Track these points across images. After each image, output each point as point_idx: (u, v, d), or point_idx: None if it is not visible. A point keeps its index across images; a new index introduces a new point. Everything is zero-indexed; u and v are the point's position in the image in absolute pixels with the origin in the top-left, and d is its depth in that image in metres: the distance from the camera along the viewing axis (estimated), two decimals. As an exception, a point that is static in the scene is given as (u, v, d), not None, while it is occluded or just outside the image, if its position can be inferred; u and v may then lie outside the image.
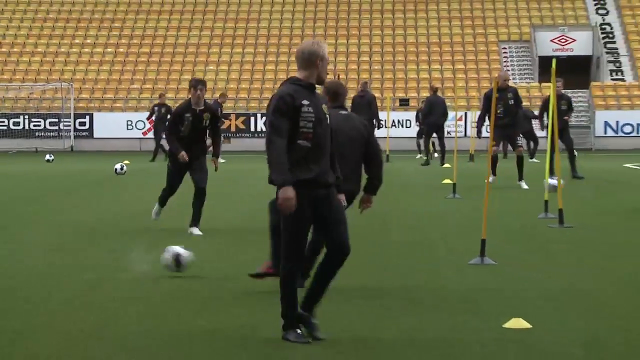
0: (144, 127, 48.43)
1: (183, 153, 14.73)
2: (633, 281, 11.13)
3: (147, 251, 12.59)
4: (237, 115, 48.93)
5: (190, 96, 14.98)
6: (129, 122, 48.73)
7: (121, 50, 53.94)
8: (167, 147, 35.49)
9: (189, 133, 14.74)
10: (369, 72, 51.57)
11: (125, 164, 30.23)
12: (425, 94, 49.33)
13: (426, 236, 15.00)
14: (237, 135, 48.58)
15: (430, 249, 13.72)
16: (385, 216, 16.92)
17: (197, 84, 14.81)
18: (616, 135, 48.08)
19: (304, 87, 8.06)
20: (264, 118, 46.98)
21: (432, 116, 33.26)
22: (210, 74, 52.13)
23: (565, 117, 25.02)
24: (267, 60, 53.20)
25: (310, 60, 8.07)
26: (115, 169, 28.86)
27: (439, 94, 35.52)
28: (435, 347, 8.02)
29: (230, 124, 48.65)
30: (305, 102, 7.97)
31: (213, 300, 10.07)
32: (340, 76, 36.57)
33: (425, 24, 54.97)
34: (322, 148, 8.04)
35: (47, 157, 38.02)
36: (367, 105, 31.45)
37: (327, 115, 8.14)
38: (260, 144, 47.41)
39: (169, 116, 37.62)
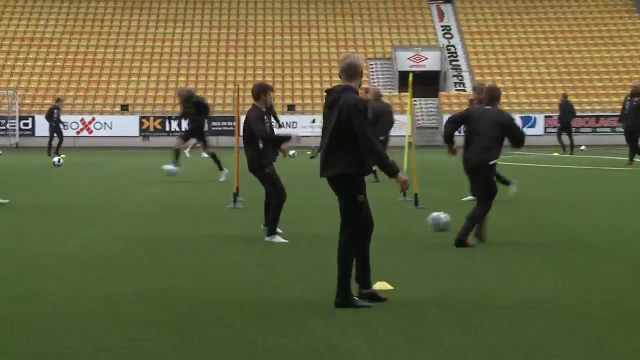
0: (78, 127, 47.72)
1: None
2: (464, 249, 11.31)
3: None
4: (155, 118, 48.48)
5: (258, 101, 12.19)
6: (65, 123, 47.89)
7: (58, 64, 52.99)
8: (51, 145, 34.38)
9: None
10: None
11: (62, 157, 29.77)
12: (308, 101, 49.53)
13: (306, 214, 15.06)
14: (155, 134, 48.19)
15: (310, 226, 13.77)
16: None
17: (269, 89, 12.31)
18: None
19: (357, 94, 7.92)
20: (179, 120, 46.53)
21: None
22: (132, 84, 51.60)
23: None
24: (179, 73, 52.76)
25: (359, 71, 7.88)
26: (54, 162, 28.39)
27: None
28: (317, 308, 8.05)
29: (149, 125, 48.21)
30: None
31: (138, 268, 10.00)
32: (240, 86, 36.57)
33: (308, 44, 55.03)
34: None
35: None
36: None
37: None
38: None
39: (61, 118, 36.12)
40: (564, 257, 10.78)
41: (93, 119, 48.27)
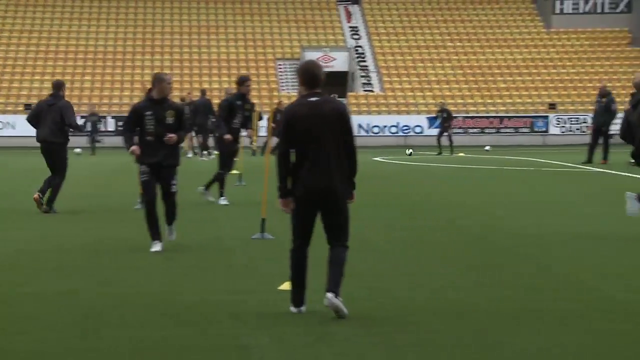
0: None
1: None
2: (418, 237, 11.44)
3: None
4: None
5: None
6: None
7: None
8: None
9: None
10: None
11: None
12: (216, 100, 49.25)
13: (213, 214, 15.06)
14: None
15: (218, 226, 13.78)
16: (187, 198, 16.83)
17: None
18: (367, 135, 49.15)
19: None
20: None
21: (197, 117, 32.46)
22: (36, 83, 50.78)
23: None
24: (84, 72, 52.04)
25: None
26: None
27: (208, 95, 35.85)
28: (223, 306, 8.14)
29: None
30: None
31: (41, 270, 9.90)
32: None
33: (216, 44, 54.84)
34: None
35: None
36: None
37: None
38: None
39: None
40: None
41: (-5, 118, 47.43)
